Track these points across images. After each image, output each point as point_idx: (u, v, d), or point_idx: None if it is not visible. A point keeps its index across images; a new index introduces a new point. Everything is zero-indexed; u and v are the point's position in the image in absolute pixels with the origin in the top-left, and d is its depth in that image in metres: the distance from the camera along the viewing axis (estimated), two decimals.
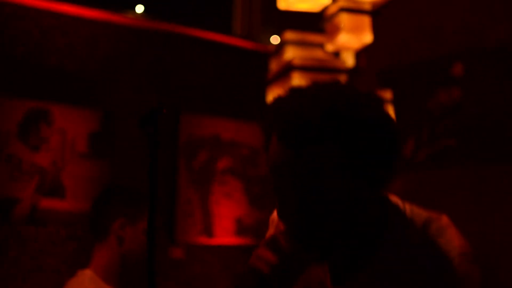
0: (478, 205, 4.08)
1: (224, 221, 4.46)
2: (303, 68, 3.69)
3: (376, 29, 3.98)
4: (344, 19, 3.75)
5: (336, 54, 4.10)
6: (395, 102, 3.97)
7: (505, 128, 3.98)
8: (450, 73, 4.33)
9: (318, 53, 3.89)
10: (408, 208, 1.52)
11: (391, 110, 3.86)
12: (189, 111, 4.47)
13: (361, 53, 4.05)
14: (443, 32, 4.40)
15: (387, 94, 3.89)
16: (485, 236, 3.96)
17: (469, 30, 4.33)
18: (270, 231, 1.77)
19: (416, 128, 4.36)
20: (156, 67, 4.38)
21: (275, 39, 4.64)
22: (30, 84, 3.92)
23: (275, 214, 1.74)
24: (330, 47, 3.99)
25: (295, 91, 1.45)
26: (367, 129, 1.39)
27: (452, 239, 1.48)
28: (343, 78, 3.99)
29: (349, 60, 4.04)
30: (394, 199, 1.54)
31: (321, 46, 3.95)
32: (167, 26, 4.46)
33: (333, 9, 3.91)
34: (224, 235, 4.43)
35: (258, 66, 4.53)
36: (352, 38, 3.84)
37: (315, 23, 4.01)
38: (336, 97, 1.40)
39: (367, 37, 3.90)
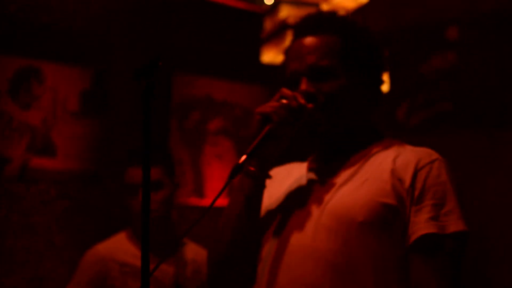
0: (473, 169, 4.08)
1: (215, 182, 4.46)
2: None
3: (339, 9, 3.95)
4: None
5: None
6: (390, 65, 3.95)
7: (501, 92, 3.98)
8: (445, 37, 4.31)
9: (313, 12, 3.87)
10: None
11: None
12: (182, 71, 4.44)
13: (356, 14, 4.02)
14: None
15: None
16: (480, 201, 3.97)
17: None
18: None
19: (410, 92, 4.35)
20: (148, 26, 4.33)
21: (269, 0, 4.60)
22: (21, 41, 3.87)
23: None
24: (325, 7, 3.96)
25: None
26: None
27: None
28: None
29: None
30: None
31: (316, 5, 3.92)
32: None
33: None
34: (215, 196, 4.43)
35: (252, 26, 4.49)
36: None
37: None
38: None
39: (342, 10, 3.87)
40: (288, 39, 3.89)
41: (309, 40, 1.77)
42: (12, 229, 3.74)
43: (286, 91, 1.69)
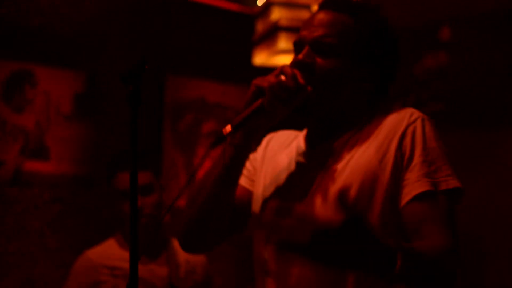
0: (465, 170, 4.08)
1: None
2: (290, 29, 3.66)
3: None
4: None
5: None
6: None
7: (492, 93, 3.99)
8: (437, 38, 4.32)
9: (304, 14, 3.86)
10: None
11: None
12: (175, 73, 4.44)
13: None
14: None
15: None
16: (470, 200, 3.97)
17: None
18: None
19: (402, 93, 4.36)
20: (141, 29, 4.34)
21: (261, 1, 4.60)
22: (14, 45, 3.88)
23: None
24: (316, 8, 3.96)
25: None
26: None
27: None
28: None
29: None
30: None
31: (307, 7, 3.92)
32: None
33: None
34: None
35: (244, 28, 4.49)
36: None
37: None
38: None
39: None
40: (279, 41, 3.90)
41: (324, 14, 1.75)
42: (5, 232, 3.74)
43: (287, 68, 1.64)
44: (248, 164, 1.84)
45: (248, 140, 1.68)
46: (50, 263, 3.82)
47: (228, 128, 1.60)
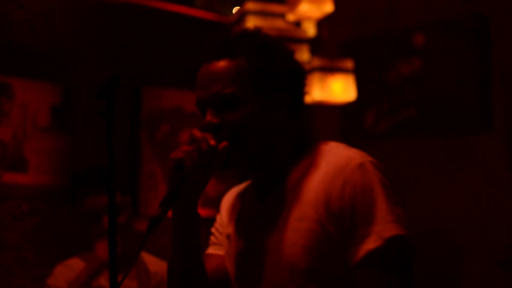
0: (438, 176, 4.12)
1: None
2: None
3: (338, 0, 3.99)
4: None
5: (297, 24, 4.11)
6: (356, 73, 3.99)
7: (465, 99, 4.03)
8: (410, 44, 4.35)
9: (279, 23, 3.90)
10: (335, 144, 1.73)
11: (352, 80, 3.87)
12: (151, 84, 4.45)
13: (322, 23, 4.05)
14: (404, 3, 4.41)
15: (348, 64, 3.91)
16: (443, 206, 4.01)
17: (431, 1, 4.35)
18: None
19: (376, 99, 4.38)
20: (116, 40, 4.34)
21: (236, 10, 4.62)
22: None
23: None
24: (291, 17, 3.99)
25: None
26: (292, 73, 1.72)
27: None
28: (304, 48, 3.99)
29: (310, 30, 4.04)
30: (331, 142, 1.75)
31: (282, 16, 3.95)
32: None
33: None
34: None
35: (219, 36, 4.51)
36: (313, 7, 3.85)
37: None
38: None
39: (328, 7, 3.90)
40: None
41: (214, 65, 1.68)
42: None
43: (196, 132, 1.63)
44: (214, 231, 1.89)
45: (188, 213, 1.68)
46: (28, 276, 3.80)
47: (159, 209, 1.58)
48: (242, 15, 3.95)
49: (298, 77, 1.74)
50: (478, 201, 3.98)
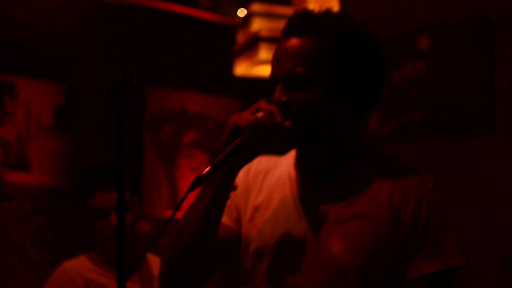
0: (442, 178, 4.11)
1: (191, 195, 4.46)
2: (270, 40, 3.68)
3: (343, 1, 3.98)
4: None
5: None
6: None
7: (470, 100, 4.02)
8: (415, 47, 4.34)
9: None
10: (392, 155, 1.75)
11: None
12: (155, 84, 4.45)
13: None
14: (408, 5, 4.41)
15: None
16: (449, 207, 4.00)
17: (434, 2, 4.35)
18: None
19: (382, 101, 4.36)
20: (120, 40, 4.34)
21: (241, 12, 4.62)
22: None
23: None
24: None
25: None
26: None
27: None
28: None
29: None
30: None
31: (288, 18, 3.95)
32: None
33: None
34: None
35: (225, 38, 4.50)
36: None
37: None
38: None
39: (334, 9, 3.89)
40: (260, 52, 3.92)
41: (290, 42, 1.63)
42: None
43: (263, 104, 1.57)
44: (229, 202, 1.75)
45: (228, 180, 1.63)
46: (30, 275, 3.80)
47: (207, 169, 1.54)
48: (248, 16, 3.95)
49: (376, 71, 1.68)
50: (482, 203, 3.97)
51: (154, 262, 3.13)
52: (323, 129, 1.64)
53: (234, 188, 1.67)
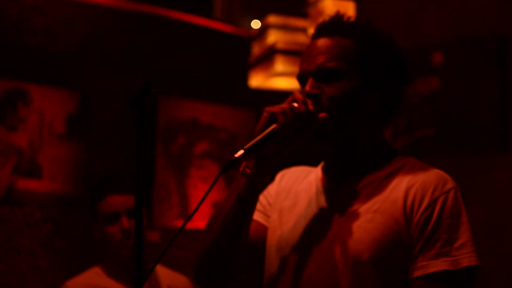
0: None
1: (202, 205, 4.45)
2: (286, 52, 3.68)
3: (359, 16, 3.99)
4: (328, 4, 3.75)
5: None
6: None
7: (483, 118, 4.01)
8: (429, 63, 4.34)
9: (301, 38, 3.90)
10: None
11: None
12: (168, 94, 4.45)
13: None
14: (423, 21, 4.41)
15: None
16: None
17: (449, 19, 4.35)
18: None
19: (399, 113, 4.35)
20: (135, 49, 4.35)
21: (255, 24, 4.63)
22: (8, 64, 3.88)
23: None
24: (312, 31, 4.00)
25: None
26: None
27: None
28: None
29: None
30: None
31: (304, 30, 3.95)
32: (147, 7, 4.43)
33: None
34: (201, 219, 4.41)
35: (239, 50, 4.51)
36: None
37: (298, 8, 4.01)
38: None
39: None
40: (276, 64, 3.92)
41: (322, 41, 1.72)
42: None
43: (297, 94, 1.64)
44: (262, 199, 1.81)
45: (261, 169, 1.65)
46: (40, 283, 3.80)
47: (240, 152, 1.58)
48: (264, 28, 3.96)
49: (401, 74, 1.76)
50: (494, 221, 3.96)
51: (163, 272, 3.09)
52: (352, 123, 1.69)
53: (266, 181, 1.71)
